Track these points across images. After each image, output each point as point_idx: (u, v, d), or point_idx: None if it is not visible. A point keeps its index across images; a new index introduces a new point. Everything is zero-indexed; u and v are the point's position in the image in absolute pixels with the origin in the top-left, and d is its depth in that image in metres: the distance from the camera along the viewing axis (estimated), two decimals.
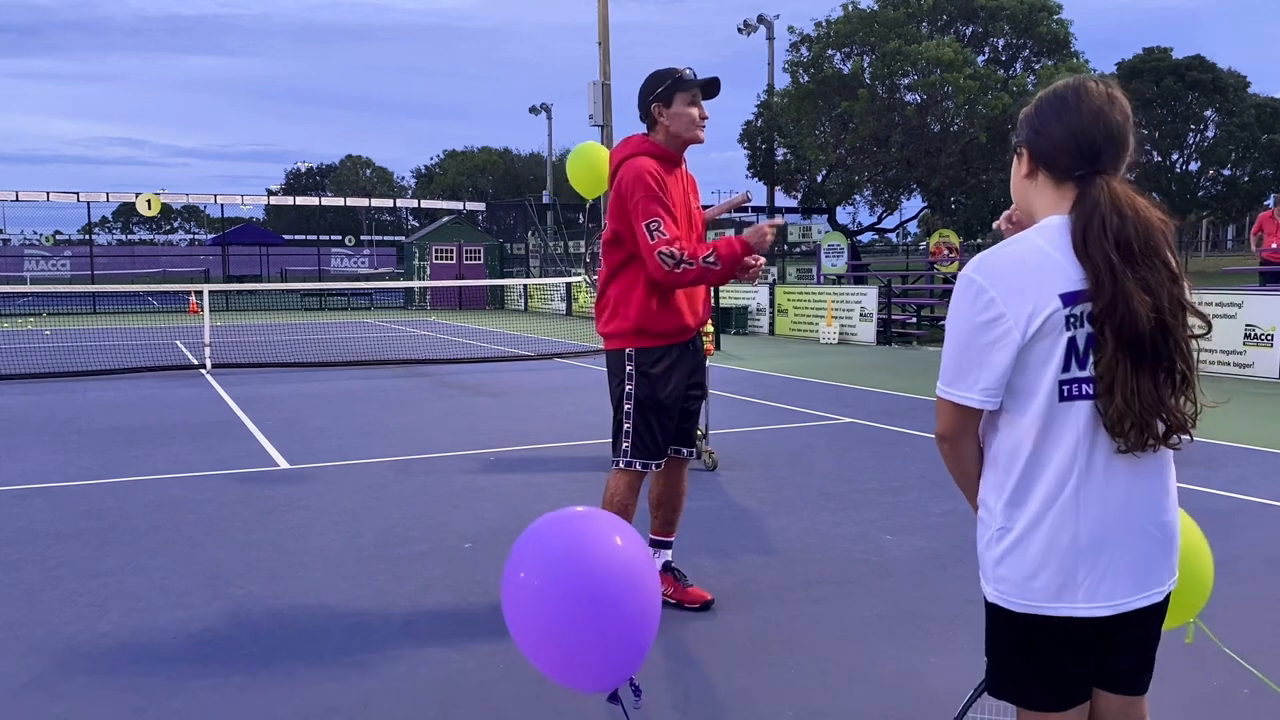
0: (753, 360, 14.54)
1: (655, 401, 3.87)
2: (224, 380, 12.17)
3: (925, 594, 4.24)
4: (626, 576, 2.28)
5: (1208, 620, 3.88)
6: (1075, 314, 1.73)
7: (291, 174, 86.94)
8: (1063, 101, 1.83)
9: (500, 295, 32.12)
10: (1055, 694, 1.86)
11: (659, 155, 3.85)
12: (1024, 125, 1.90)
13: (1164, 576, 1.85)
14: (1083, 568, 1.78)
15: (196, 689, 3.33)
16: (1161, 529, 1.84)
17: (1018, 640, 1.86)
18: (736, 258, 3.69)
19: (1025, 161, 1.89)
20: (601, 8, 22.16)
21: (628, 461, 3.90)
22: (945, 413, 1.85)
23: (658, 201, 3.71)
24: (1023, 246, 1.79)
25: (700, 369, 4.10)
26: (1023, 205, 1.94)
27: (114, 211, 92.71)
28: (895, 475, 6.56)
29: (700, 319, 4.02)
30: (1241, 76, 34.77)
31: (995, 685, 1.94)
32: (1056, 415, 1.76)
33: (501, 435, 8.17)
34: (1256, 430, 8.00)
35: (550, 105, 45.17)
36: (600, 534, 2.36)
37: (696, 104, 3.86)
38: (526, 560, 2.34)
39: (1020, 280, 1.74)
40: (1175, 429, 1.77)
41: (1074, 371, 1.75)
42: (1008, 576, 1.83)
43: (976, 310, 1.76)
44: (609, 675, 2.30)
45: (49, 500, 6.00)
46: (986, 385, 1.77)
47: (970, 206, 27.23)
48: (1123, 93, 1.85)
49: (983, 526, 1.90)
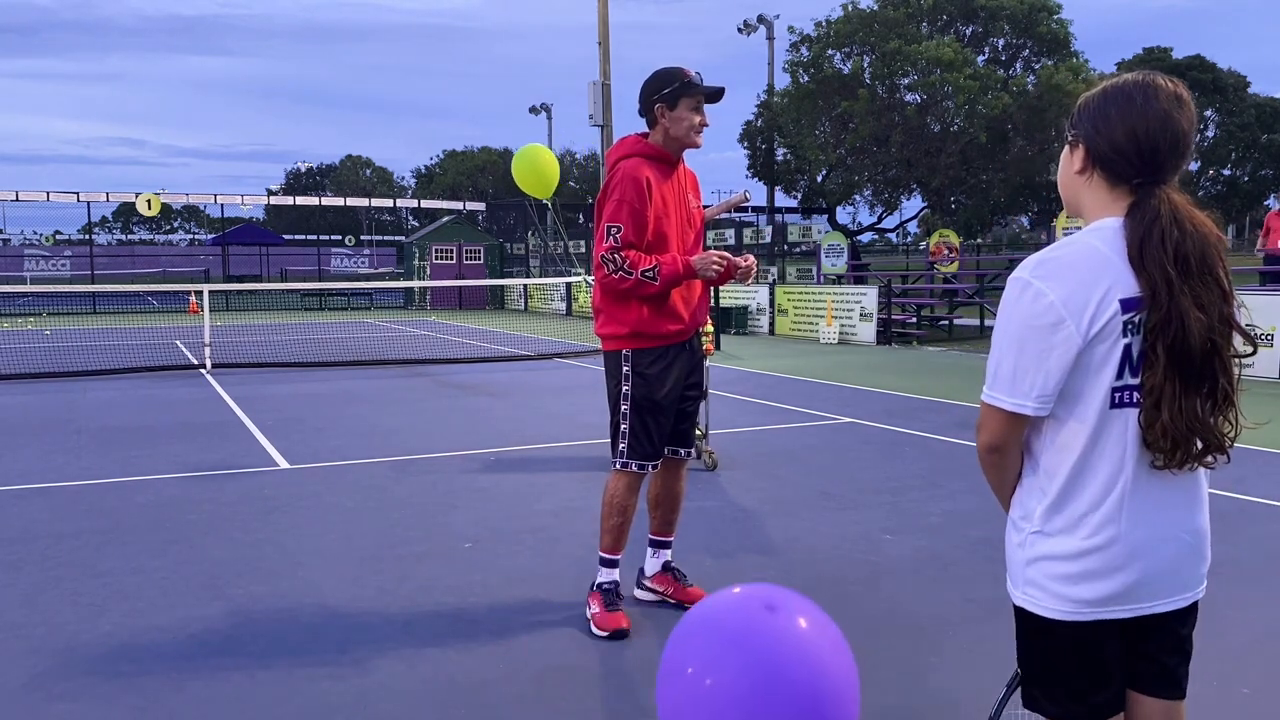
0: (753, 360, 14.54)
1: (651, 402, 3.88)
2: (224, 380, 12.17)
3: (925, 594, 4.24)
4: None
5: (1209, 619, 3.89)
6: (1133, 321, 1.69)
7: (291, 174, 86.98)
8: (1129, 100, 1.73)
9: (500, 295, 32.11)
10: (1086, 705, 1.82)
11: (654, 156, 3.83)
12: (1083, 118, 1.79)
13: (1195, 581, 1.83)
14: (1119, 574, 1.75)
15: (196, 689, 3.33)
16: (1194, 535, 1.81)
17: (1046, 647, 1.83)
18: (677, 277, 3.76)
19: (1080, 158, 1.80)
20: (601, 8, 22.17)
21: (624, 463, 3.90)
22: (995, 421, 1.78)
23: (629, 209, 3.72)
24: (1078, 249, 1.72)
25: (698, 369, 4.09)
26: (1070, 201, 1.86)
27: (114, 211, 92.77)
28: (895, 475, 6.56)
29: (698, 320, 4.02)
30: (1241, 76, 34.81)
31: (1026, 697, 1.89)
32: (1106, 422, 1.73)
33: (501, 435, 8.16)
34: (1256, 430, 7.98)
35: (550, 105, 45.24)
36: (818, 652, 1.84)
37: (700, 110, 3.84)
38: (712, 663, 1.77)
39: (1079, 283, 1.68)
40: (1213, 449, 1.74)
41: (1126, 379, 1.71)
42: (1038, 580, 1.80)
43: (1035, 314, 1.69)
44: None
45: (49, 500, 6.00)
46: (1043, 392, 1.72)
47: (970, 206, 27.24)
48: (1189, 94, 1.77)
49: (1015, 530, 1.85)
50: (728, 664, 1.76)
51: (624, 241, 3.73)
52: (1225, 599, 4.08)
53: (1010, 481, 1.87)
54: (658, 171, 3.82)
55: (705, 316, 4.10)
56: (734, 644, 1.78)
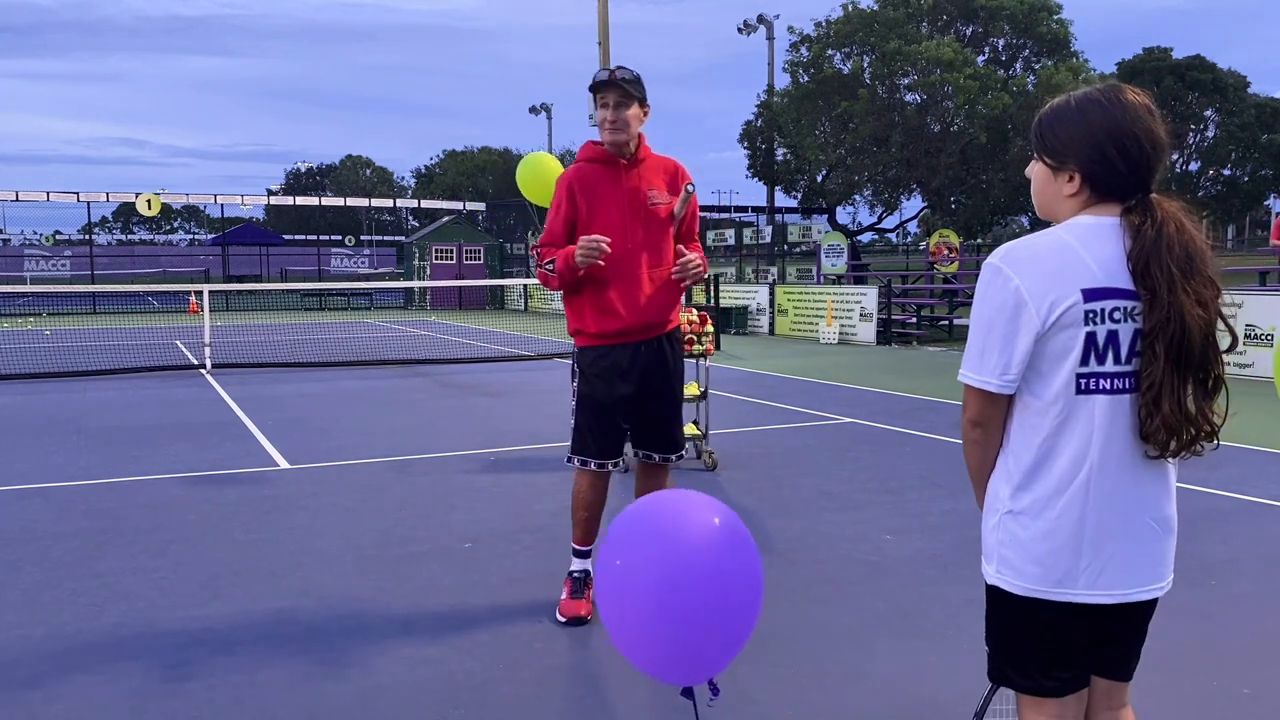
0: (753, 360, 14.54)
1: (593, 401, 3.89)
2: (224, 380, 12.17)
3: (925, 594, 4.24)
4: (747, 576, 2.25)
5: (1208, 618, 3.89)
6: (1095, 310, 1.77)
7: (291, 174, 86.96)
8: (1120, 129, 1.80)
9: (500, 295, 32.11)
10: (1052, 679, 1.90)
11: (599, 159, 3.86)
12: (1075, 147, 1.84)
13: (1163, 572, 1.90)
14: (1085, 557, 1.82)
15: (196, 689, 3.33)
16: (1162, 524, 1.88)
17: (1016, 623, 1.91)
18: (569, 267, 3.75)
19: (1075, 185, 1.85)
20: (601, 8, 22.16)
21: (568, 458, 3.97)
22: (972, 398, 1.89)
23: (553, 211, 3.89)
24: (1048, 240, 1.83)
25: (661, 375, 3.92)
26: (1048, 208, 1.94)
27: (114, 211, 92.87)
28: (895, 475, 6.56)
29: (648, 319, 3.83)
30: (1241, 76, 34.82)
31: (992, 669, 1.98)
32: (1073, 407, 1.81)
33: (501, 435, 8.16)
34: (1256, 430, 8.00)
35: (550, 105, 45.27)
36: (711, 525, 2.30)
37: (606, 106, 3.76)
38: (637, 545, 2.27)
39: (1043, 271, 1.79)
40: (1205, 437, 1.82)
41: (1092, 366, 1.80)
42: (1010, 559, 1.88)
43: (1001, 299, 1.81)
44: (698, 670, 2.29)
45: (49, 500, 6.00)
46: (1005, 371, 1.83)
47: (970, 206, 27.24)
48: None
49: (989, 510, 1.94)
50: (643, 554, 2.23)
51: (542, 241, 3.90)
52: (1225, 599, 4.08)
53: (989, 463, 1.94)
54: (600, 172, 3.83)
55: (666, 316, 3.90)
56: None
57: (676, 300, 3.99)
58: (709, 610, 2.20)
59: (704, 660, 2.26)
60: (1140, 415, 1.79)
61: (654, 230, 3.85)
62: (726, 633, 2.24)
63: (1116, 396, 1.80)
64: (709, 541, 2.25)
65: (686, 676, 2.31)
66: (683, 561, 2.20)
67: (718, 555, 2.25)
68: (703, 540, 2.25)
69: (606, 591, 2.31)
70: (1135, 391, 1.80)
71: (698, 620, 2.20)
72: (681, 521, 2.29)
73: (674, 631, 2.20)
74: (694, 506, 2.34)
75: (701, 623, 2.20)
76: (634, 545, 2.29)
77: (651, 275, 3.84)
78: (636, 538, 2.29)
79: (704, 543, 2.25)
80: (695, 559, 2.22)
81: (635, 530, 2.31)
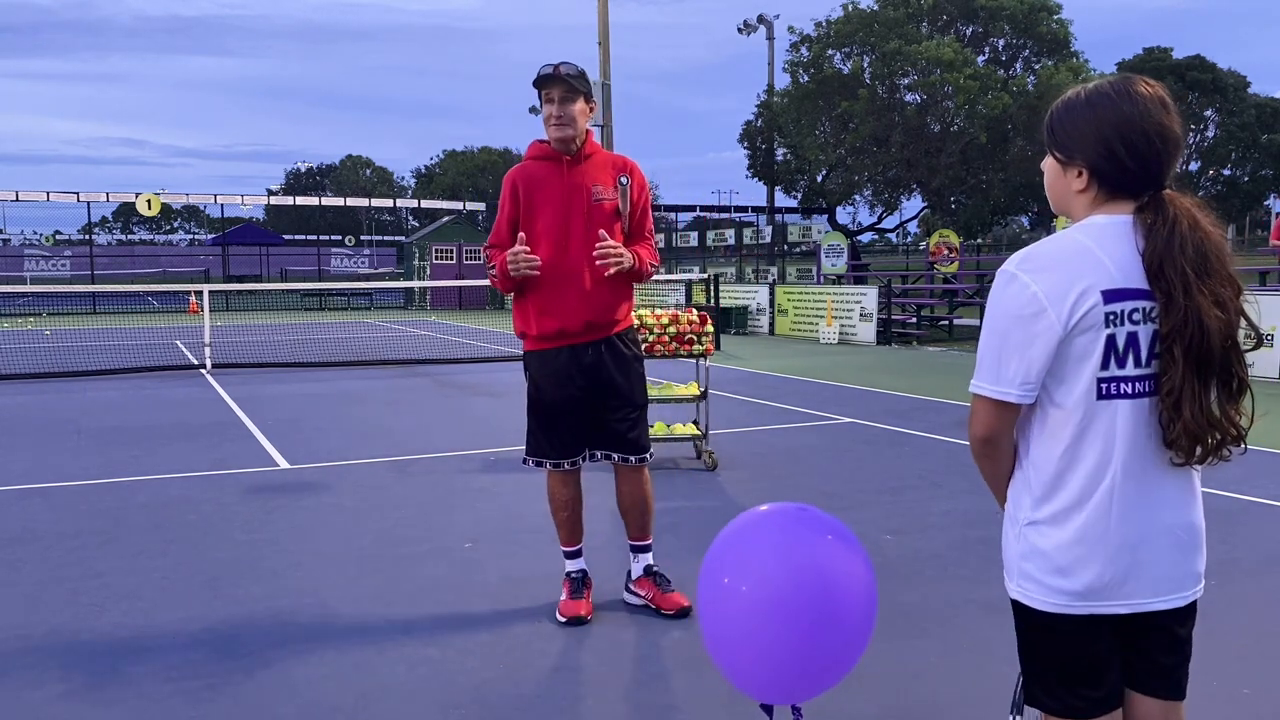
0: (753, 360, 14.54)
1: (539, 403, 3.92)
2: (224, 380, 12.17)
3: (925, 594, 4.23)
4: (865, 606, 2.14)
5: (1209, 619, 3.88)
6: (1115, 312, 1.71)
7: (291, 174, 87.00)
8: (1127, 122, 1.75)
9: (500, 295, 32.12)
10: (1079, 698, 1.83)
11: (544, 156, 3.84)
12: (1074, 139, 1.81)
13: (1189, 581, 1.83)
14: (1111, 567, 1.76)
15: (196, 689, 3.33)
16: (1189, 532, 1.82)
17: (1040, 639, 1.84)
18: (503, 271, 3.75)
19: (1083, 181, 1.81)
20: (601, 8, 22.16)
21: (524, 458, 4.02)
22: (984, 412, 1.81)
23: (501, 211, 3.89)
24: (1064, 243, 1.77)
25: (610, 376, 3.84)
26: (1060, 203, 1.89)
27: (114, 211, 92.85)
28: (895, 475, 6.56)
29: (590, 319, 3.77)
30: (1241, 76, 34.84)
31: (1027, 694, 1.91)
32: (1094, 413, 1.74)
33: (501, 435, 8.16)
34: (1256, 430, 7.98)
35: None
36: (864, 569, 2.17)
37: (551, 101, 3.70)
38: (749, 565, 2.18)
39: (1061, 275, 1.72)
40: (1230, 441, 1.77)
41: (1113, 370, 1.73)
42: (1033, 574, 1.81)
43: (1019, 305, 1.74)
44: (794, 695, 2.20)
45: (49, 500, 6.00)
46: (1025, 379, 1.75)
47: (970, 206, 27.25)
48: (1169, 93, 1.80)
49: (1011, 524, 1.87)
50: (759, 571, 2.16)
51: (489, 242, 3.93)
52: (1225, 599, 4.08)
53: (1004, 474, 1.89)
54: (543, 169, 3.82)
55: (611, 316, 3.84)
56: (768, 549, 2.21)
57: (624, 300, 3.90)
58: (837, 649, 2.11)
59: (804, 689, 2.18)
60: (1162, 422, 1.72)
61: (598, 227, 3.73)
62: (838, 668, 2.16)
63: (1138, 402, 1.74)
64: (863, 585, 2.15)
65: (781, 697, 2.22)
66: (837, 601, 2.10)
67: (867, 601, 2.15)
68: (859, 585, 2.15)
69: (739, 601, 2.17)
70: (1156, 395, 1.74)
71: (823, 655, 2.10)
72: (850, 561, 2.18)
73: (799, 662, 2.10)
74: (851, 546, 2.23)
75: (826, 660, 2.11)
76: (788, 570, 2.15)
77: (594, 274, 3.74)
78: (795, 564, 2.15)
79: (860, 587, 2.14)
80: (847, 601, 2.11)
81: (795, 557, 2.18)
